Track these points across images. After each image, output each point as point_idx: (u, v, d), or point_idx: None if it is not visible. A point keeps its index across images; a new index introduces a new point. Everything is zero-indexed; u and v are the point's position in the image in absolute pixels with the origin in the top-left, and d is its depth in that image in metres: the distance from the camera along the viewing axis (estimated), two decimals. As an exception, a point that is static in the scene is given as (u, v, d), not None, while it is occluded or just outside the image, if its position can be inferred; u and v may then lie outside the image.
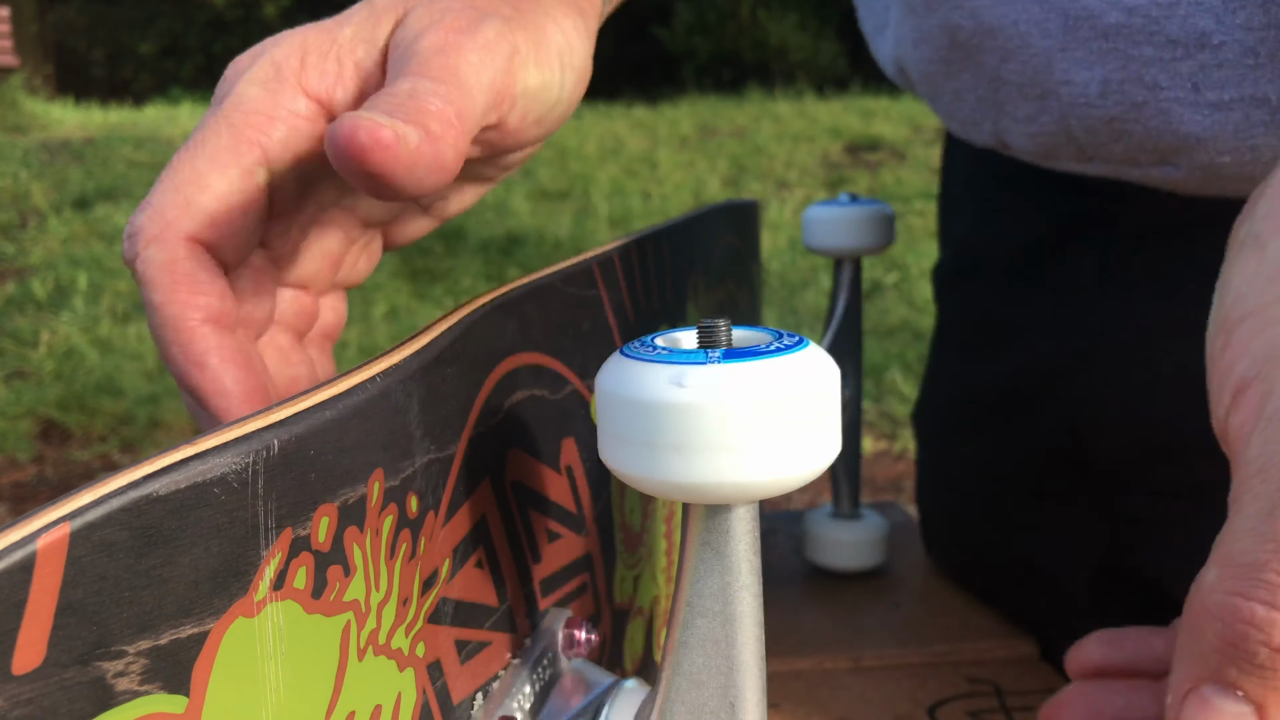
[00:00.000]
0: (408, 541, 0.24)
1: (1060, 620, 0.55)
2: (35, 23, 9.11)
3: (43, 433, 3.00)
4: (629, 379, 0.22)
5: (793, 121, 5.89)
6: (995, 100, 0.46)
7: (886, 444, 2.86)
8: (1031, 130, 0.45)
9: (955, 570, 0.65)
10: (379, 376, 0.23)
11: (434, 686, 0.26)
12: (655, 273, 0.45)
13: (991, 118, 0.47)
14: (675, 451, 0.21)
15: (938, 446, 0.65)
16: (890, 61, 0.56)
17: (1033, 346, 0.54)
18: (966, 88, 0.48)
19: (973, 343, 0.59)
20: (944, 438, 0.64)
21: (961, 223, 0.60)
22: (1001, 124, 0.47)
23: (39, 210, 4.58)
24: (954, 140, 0.63)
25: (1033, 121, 0.45)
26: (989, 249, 0.57)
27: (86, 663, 0.15)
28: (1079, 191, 0.51)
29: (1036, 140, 0.46)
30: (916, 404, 0.67)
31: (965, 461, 0.61)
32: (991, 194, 0.58)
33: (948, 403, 0.62)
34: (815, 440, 0.22)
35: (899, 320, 3.66)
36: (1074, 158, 0.45)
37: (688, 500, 0.23)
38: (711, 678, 0.26)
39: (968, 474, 0.61)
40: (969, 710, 0.52)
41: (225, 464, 0.18)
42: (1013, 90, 0.45)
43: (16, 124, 5.83)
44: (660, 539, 0.47)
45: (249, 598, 0.18)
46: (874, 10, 0.57)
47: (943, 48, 0.48)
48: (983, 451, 0.59)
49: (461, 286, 3.99)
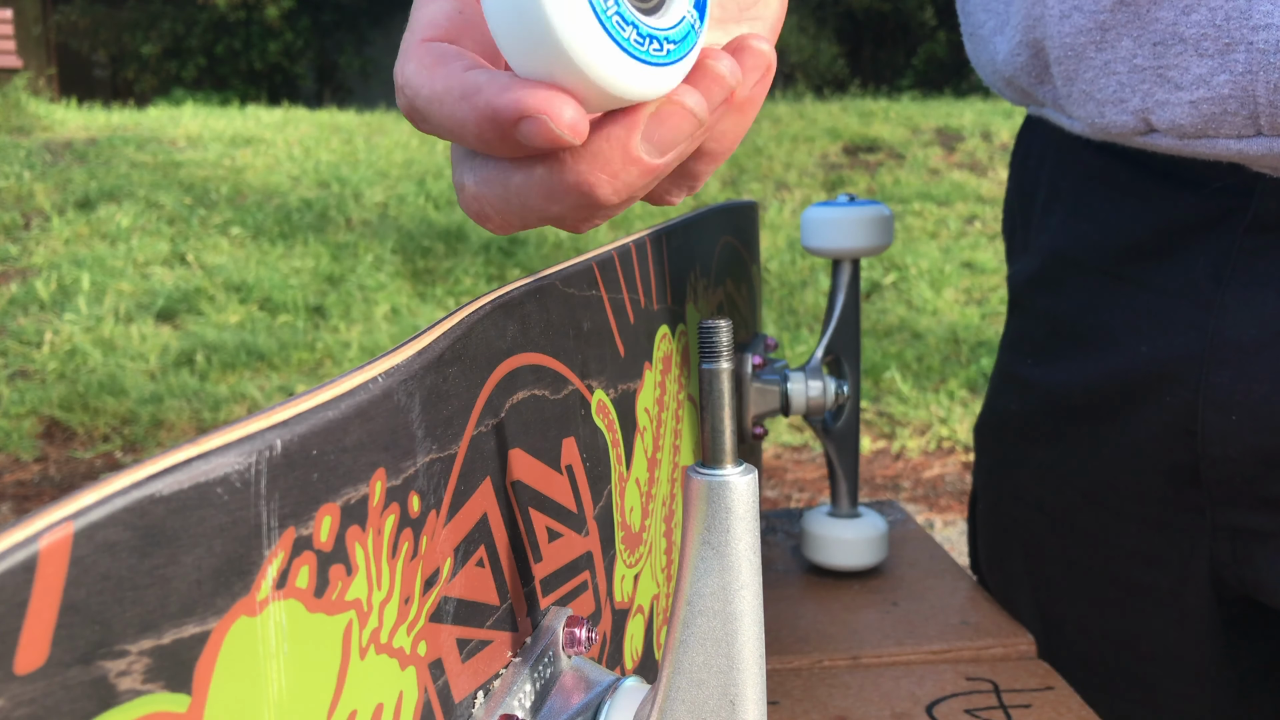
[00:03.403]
0: (409, 541, 0.24)
1: (1161, 634, 0.54)
2: (38, 24, 9.12)
3: (46, 432, 3.00)
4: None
5: (791, 123, 5.89)
6: (1157, 67, 0.44)
7: (885, 443, 2.86)
8: (1198, 96, 0.43)
9: (1008, 587, 0.63)
10: (381, 376, 0.23)
11: (435, 685, 0.26)
12: (655, 273, 0.45)
13: (1144, 89, 0.45)
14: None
15: (1005, 457, 0.62)
16: (1007, 60, 0.53)
17: (1131, 350, 0.51)
18: (1122, 57, 0.45)
19: (1056, 348, 0.56)
20: (1015, 447, 0.60)
21: (1048, 227, 0.58)
22: (1156, 96, 0.44)
23: (42, 211, 4.58)
24: (1034, 147, 0.61)
25: (1204, 84, 0.42)
26: (1081, 252, 0.55)
27: (89, 662, 0.15)
28: (1196, 187, 0.49)
29: (1199, 109, 0.43)
30: (981, 415, 0.64)
31: (1039, 471, 0.58)
32: (1086, 197, 0.55)
33: (1020, 411, 0.59)
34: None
35: (897, 320, 3.66)
36: (1238, 130, 0.43)
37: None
38: (711, 676, 0.26)
39: (1043, 484, 0.58)
40: (967, 708, 0.52)
41: (228, 464, 0.18)
42: (1188, 48, 0.42)
43: (20, 125, 5.84)
44: (660, 538, 0.47)
45: (251, 597, 0.18)
46: (993, 10, 0.55)
47: (1104, 9, 0.45)
48: (1063, 461, 0.56)
49: (463, 287, 3.99)
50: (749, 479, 0.26)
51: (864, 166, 5.19)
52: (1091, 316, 0.54)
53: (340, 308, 3.82)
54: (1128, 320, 0.52)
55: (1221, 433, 0.48)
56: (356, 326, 3.67)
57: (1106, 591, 0.56)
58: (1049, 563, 0.59)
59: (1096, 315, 0.54)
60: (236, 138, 5.77)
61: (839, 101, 6.97)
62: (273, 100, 8.98)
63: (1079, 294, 0.55)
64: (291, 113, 6.89)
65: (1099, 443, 0.54)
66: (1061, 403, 0.56)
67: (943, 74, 9.37)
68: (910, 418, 2.97)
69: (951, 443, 2.85)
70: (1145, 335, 0.51)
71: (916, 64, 9.63)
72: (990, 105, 6.25)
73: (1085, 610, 0.58)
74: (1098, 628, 0.58)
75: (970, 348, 3.41)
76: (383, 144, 5.75)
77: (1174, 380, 0.49)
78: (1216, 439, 0.48)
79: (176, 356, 3.39)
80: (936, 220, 4.50)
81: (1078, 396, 0.55)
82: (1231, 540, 0.50)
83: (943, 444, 2.85)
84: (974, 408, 3.00)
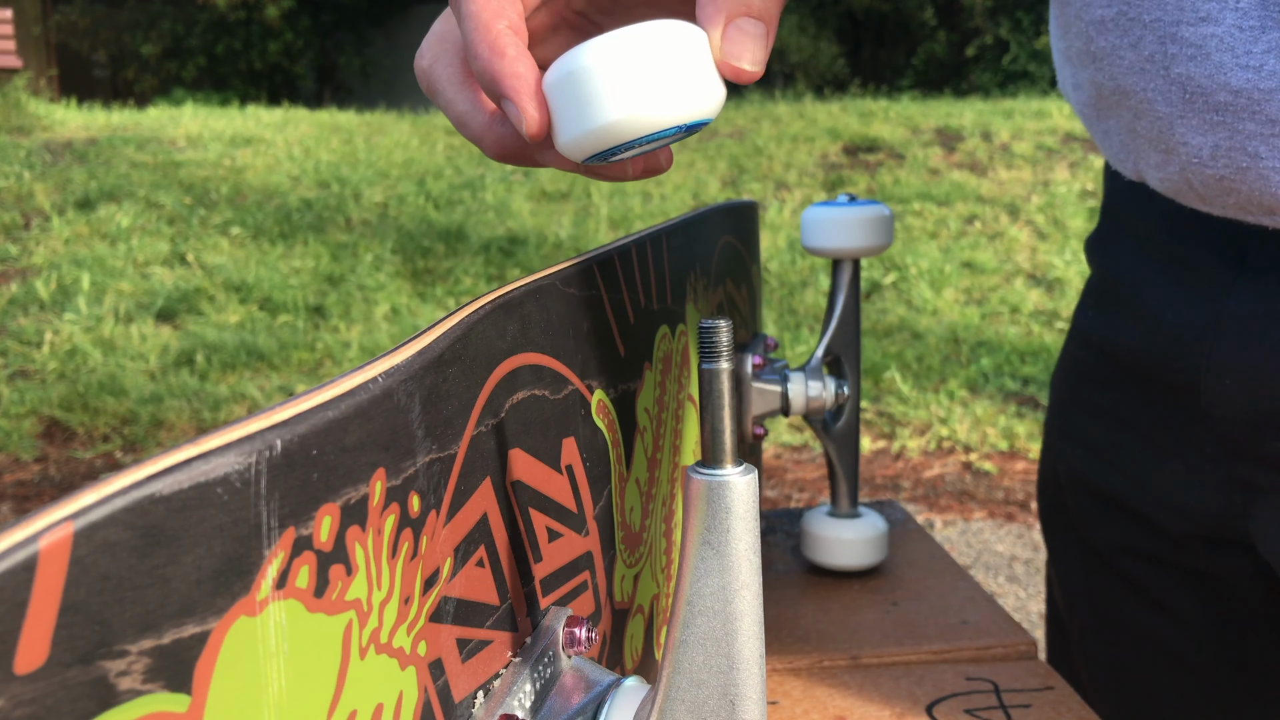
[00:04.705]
0: (409, 541, 0.24)
1: (1171, 555, 0.59)
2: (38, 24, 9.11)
3: (46, 432, 3.00)
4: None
5: (792, 122, 5.88)
6: (1133, 146, 0.55)
7: (885, 443, 2.85)
8: (1160, 176, 0.53)
9: (1056, 506, 0.68)
10: (381, 376, 0.23)
11: (435, 685, 0.26)
12: (655, 273, 0.45)
13: (1132, 159, 0.56)
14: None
15: (1068, 395, 0.68)
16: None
17: (1161, 314, 0.58)
18: (1112, 131, 0.56)
19: (1111, 305, 0.63)
20: (1075, 387, 0.66)
21: (1114, 189, 0.65)
22: (1140, 166, 0.55)
23: (42, 211, 4.58)
24: None
25: (1162, 169, 0.53)
26: (1131, 213, 0.61)
27: (89, 662, 0.15)
28: None
29: (1165, 184, 0.54)
30: (1058, 364, 0.71)
31: (1091, 408, 0.64)
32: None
33: (1083, 359, 0.66)
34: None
35: (897, 320, 3.66)
36: (1197, 202, 0.52)
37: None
38: (711, 676, 0.26)
39: (1095, 422, 0.64)
40: (967, 708, 0.52)
41: (228, 464, 0.18)
42: (1144, 142, 0.53)
43: (20, 125, 5.83)
44: (660, 538, 0.47)
45: (251, 597, 0.18)
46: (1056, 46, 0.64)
47: (1092, 98, 0.56)
48: (1112, 400, 0.62)
49: (463, 287, 3.99)
50: (749, 479, 0.26)
51: (864, 166, 5.19)
52: (1130, 279, 0.60)
53: (340, 308, 3.83)
54: (1159, 288, 0.58)
55: (1219, 396, 0.54)
56: (356, 326, 3.67)
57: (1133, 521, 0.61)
58: (1097, 495, 0.64)
59: (1134, 279, 0.60)
60: (236, 138, 5.77)
61: (839, 101, 6.97)
62: (273, 100, 8.98)
63: (1126, 256, 0.61)
64: (291, 113, 6.89)
65: (1143, 393, 0.60)
66: (1115, 356, 0.62)
67: (943, 74, 9.37)
68: (910, 418, 2.97)
69: (951, 443, 2.85)
70: (1170, 305, 0.57)
71: (916, 64, 9.63)
72: (990, 105, 6.25)
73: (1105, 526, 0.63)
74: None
75: (970, 348, 3.41)
76: (383, 144, 5.76)
77: (1191, 345, 0.55)
78: (1216, 402, 0.54)
79: (176, 356, 3.39)
80: (936, 220, 4.50)
81: (1124, 353, 0.61)
82: (1243, 492, 0.55)
83: (943, 444, 2.85)
84: (974, 408, 3.00)
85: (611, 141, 0.31)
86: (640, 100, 0.30)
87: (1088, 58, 0.55)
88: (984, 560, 2.30)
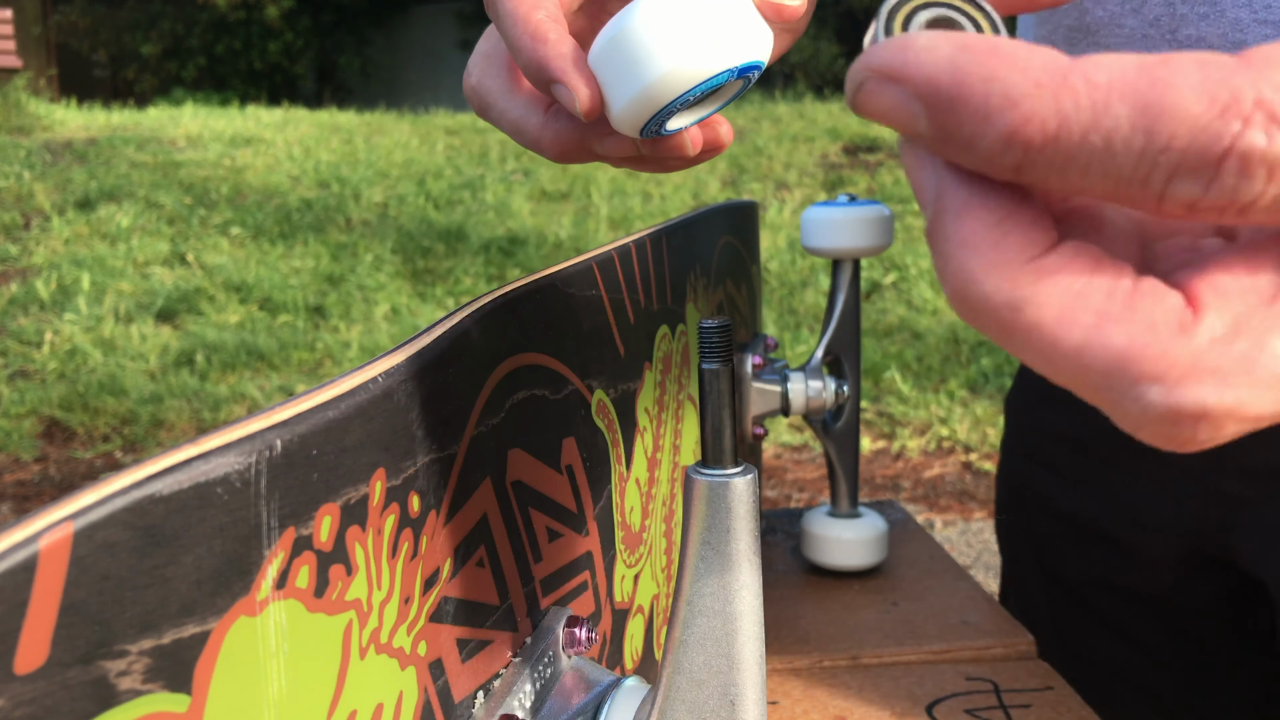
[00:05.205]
0: (409, 540, 0.24)
1: (1140, 583, 0.59)
2: (38, 24, 9.12)
3: (46, 432, 3.00)
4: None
5: (792, 122, 5.88)
6: None
7: (885, 443, 2.86)
8: None
9: (1019, 532, 0.67)
10: (381, 376, 0.23)
11: (435, 685, 0.26)
12: (655, 273, 0.45)
13: None
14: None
15: (1029, 417, 0.67)
16: None
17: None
18: None
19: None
20: (1036, 409, 0.66)
21: None
22: None
23: (42, 211, 4.58)
24: None
25: None
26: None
27: (89, 662, 0.15)
28: None
29: None
30: (1013, 385, 0.70)
31: (1057, 432, 0.63)
32: None
33: (1044, 381, 0.64)
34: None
35: (897, 320, 3.66)
36: None
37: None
38: (711, 676, 0.26)
39: (1060, 444, 0.63)
40: (967, 708, 0.52)
41: (228, 464, 0.18)
42: None
43: (20, 125, 5.83)
44: (660, 538, 0.47)
45: (251, 597, 0.18)
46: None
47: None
48: (1075, 423, 0.61)
49: (462, 287, 3.99)
50: (749, 479, 0.26)
51: (864, 166, 5.19)
52: None
53: (340, 308, 3.83)
54: None
55: None
56: (356, 326, 3.67)
57: (1100, 544, 0.61)
58: (1059, 511, 0.64)
59: None
60: (236, 138, 5.77)
61: (839, 101, 6.97)
62: (273, 100, 8.98)
63: None
64: (291, 113, 6.89)
65: (1106, 418, 0.59)
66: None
67: (943, 74, 9.35)
68: (910, 418, 2.97)
69: (951, 443, 2.85)
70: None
71: (916, 64, 9.61)
72: (990, 105, 6.24)
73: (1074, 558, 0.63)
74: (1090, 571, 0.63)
75: (970, 348, 3.41)
76: (382, 144, 5.76)
77: None
78: None
79: (176, 356, 3.39)
80: (936, 220, 4.49)
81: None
82: (1221, 505, 0.54)
83: (943, 444, 2.85)
84: (974, 408, 3.00)
85: (664, 99, 0.31)
86: (685, 50, 0.30)
87: (1080, 33, 0.52)
88: (984, 560, 2.30)
